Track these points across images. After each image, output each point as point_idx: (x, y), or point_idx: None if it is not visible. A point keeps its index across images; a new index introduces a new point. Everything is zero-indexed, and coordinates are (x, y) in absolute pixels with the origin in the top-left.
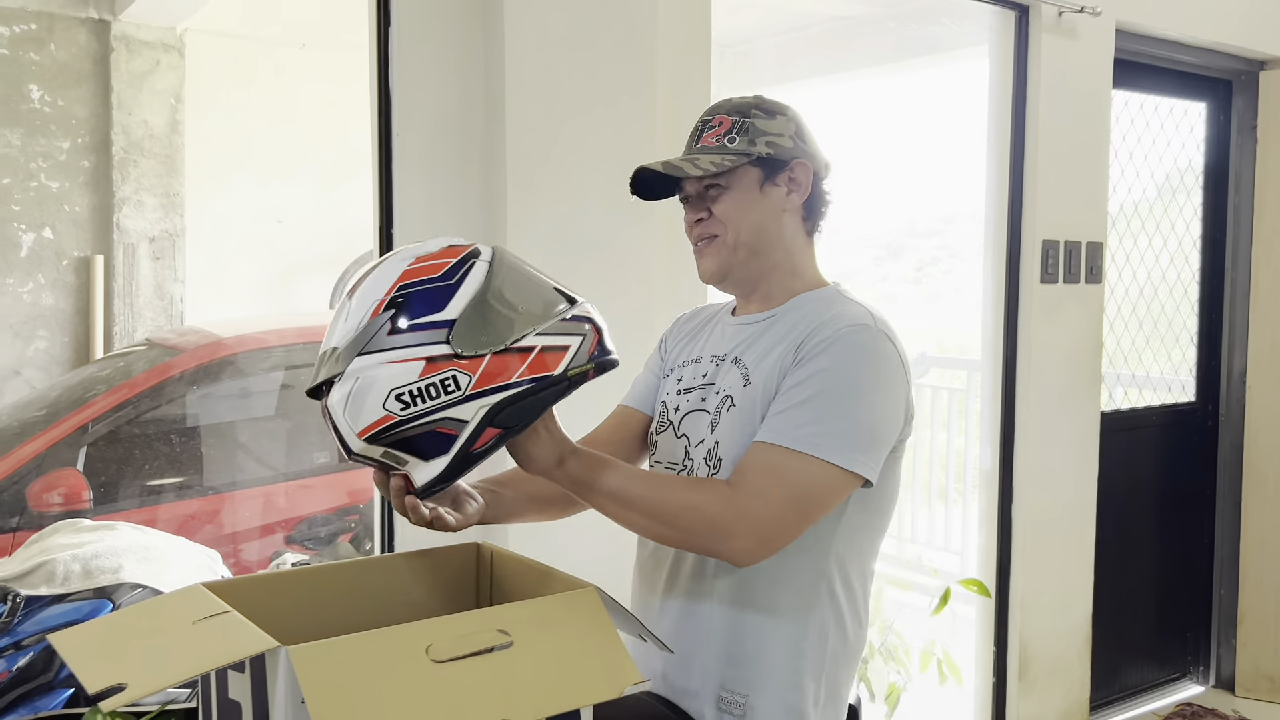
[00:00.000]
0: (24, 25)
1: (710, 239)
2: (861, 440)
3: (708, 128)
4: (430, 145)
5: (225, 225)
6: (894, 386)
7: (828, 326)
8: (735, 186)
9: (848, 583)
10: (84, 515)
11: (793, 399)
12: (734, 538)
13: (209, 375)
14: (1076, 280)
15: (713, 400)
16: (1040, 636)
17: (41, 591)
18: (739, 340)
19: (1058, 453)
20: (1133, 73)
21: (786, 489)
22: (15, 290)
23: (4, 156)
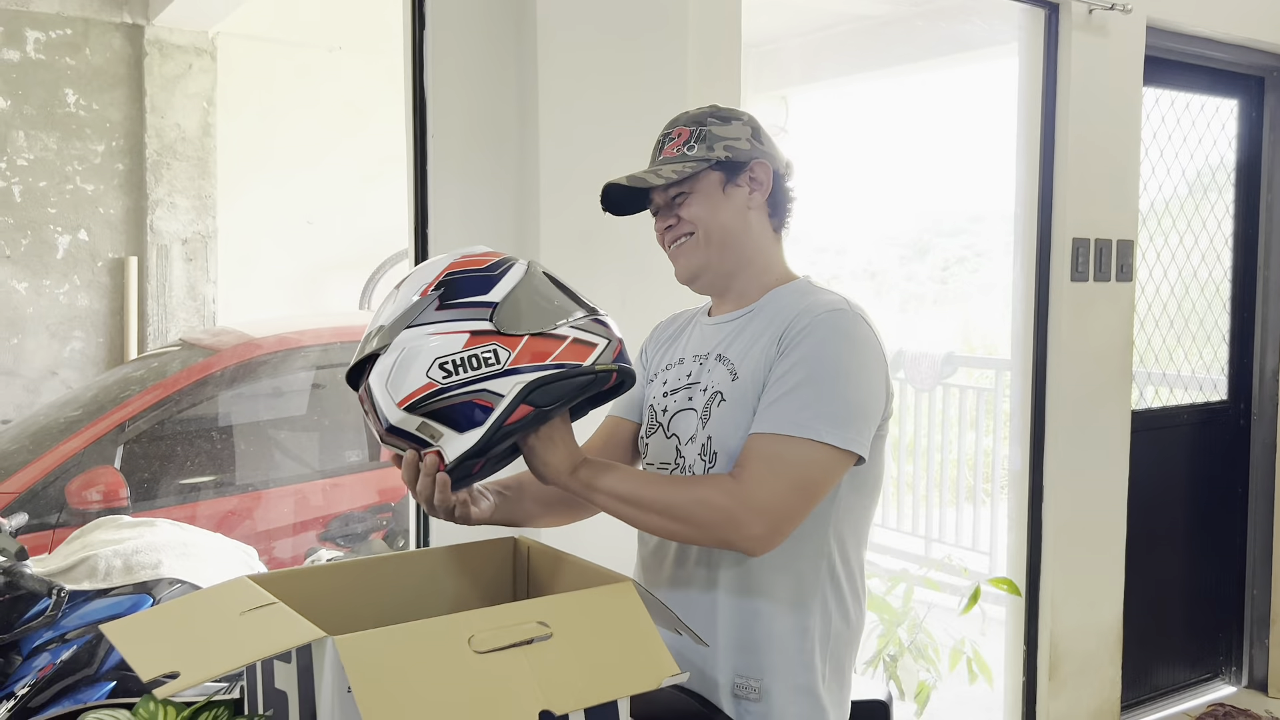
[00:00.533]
0: (60, 30)
1: (683, 240)
2: (852, 418)
3: (668, 140)
4: (464, 148)
5: (256, 226)
6: (875, 365)
7: (806, 314)
8: (699, 190)
9: (846, 562)
10: (122, 513)
11: (782, 387)
12: (745, 527)
13: (243, 375)
14: (1107, 279)
15: (700, 398)
16: (1071, 635)
17: (84, 586)
18: (720, 338)
19: (1088, 452)
20: (1163, 70)
21: (789, 474)
22: (51, 292)
23: (40, 160)
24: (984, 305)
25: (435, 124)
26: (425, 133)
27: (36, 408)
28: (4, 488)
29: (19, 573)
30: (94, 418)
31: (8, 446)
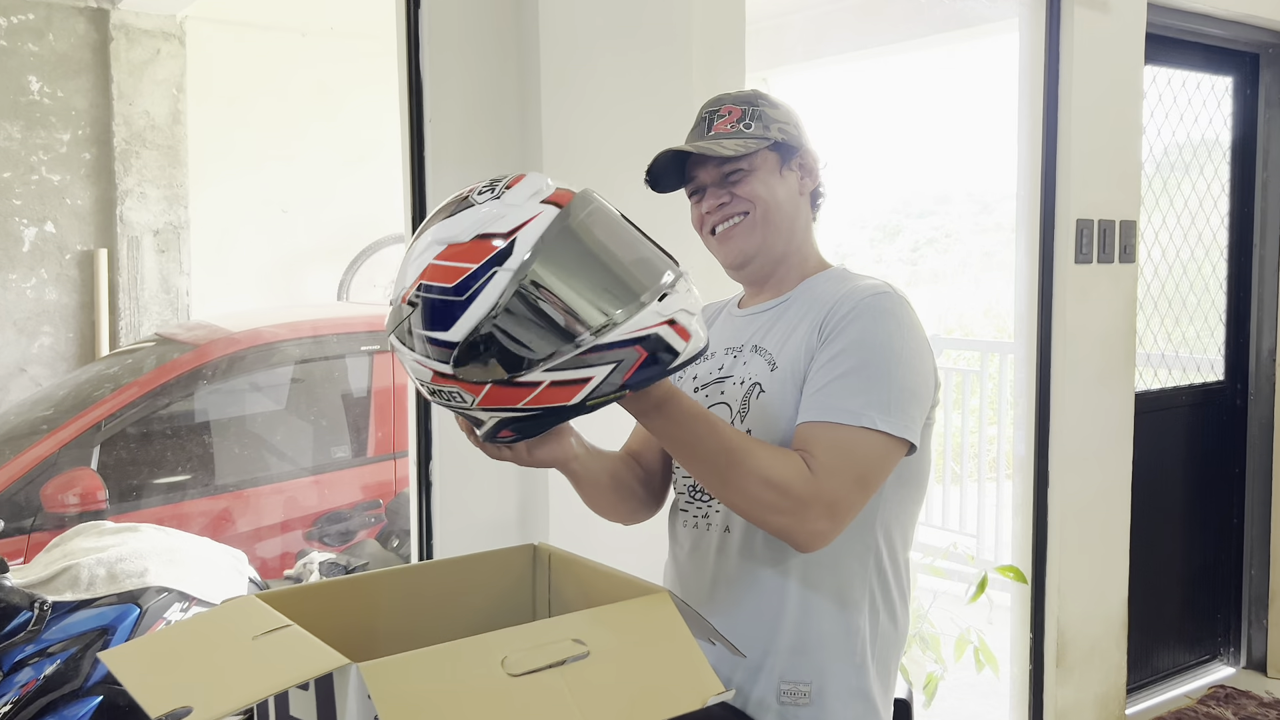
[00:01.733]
0: (21, 15)
1: (737, 219)
2: (905, 404)
3: (717, 117)
4: (464, 133)
5: (229, 216)
6: (923, 349)
7: (849, 298)
8: (759, 169)
9: (894, 559)
10: (100, 515)
11: (831, 373)
12: (811, 520)
13: (222, 371)
14: (1110, 260)
15: (734, 390)
16: (1077, 622)
17: (66, 597)
18: (754, 329)
19: (1093, 436)
20: (1160, 47)
21: (851, 464)
22: (18, 286)
23: (4, 150)
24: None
25: (433, 108)
26: (422, 117)
27: (5, 407)
28: None
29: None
30: (68, 417)
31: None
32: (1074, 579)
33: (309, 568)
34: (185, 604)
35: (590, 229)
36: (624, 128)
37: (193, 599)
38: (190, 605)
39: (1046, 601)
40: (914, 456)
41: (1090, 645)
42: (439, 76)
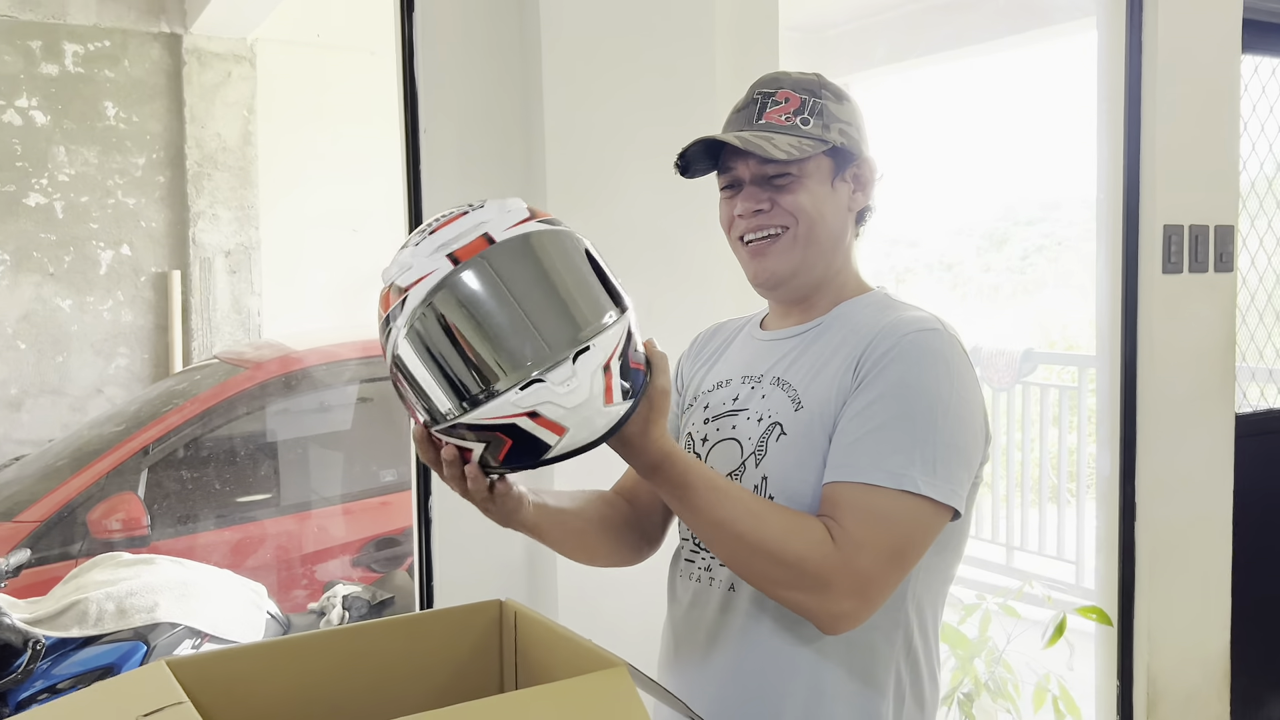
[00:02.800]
0: (98, 43)
1: (771, 234)
2: (951, 465)
3: (770, 102)
4: (461, 142)
5: (300, 236)
6: (974, 399)
7: (891, 333)
8: (810, 175)
9: (924, 634)
10: (143, 541)
11: (866, 424)
12: (836, 601)
13: (277, 391)
14: (1204, 269)
15: (747, 427)
16: (1171, 669)
17: (73, 633)
18: (777, 357)
19: (1186, 461)
20: (1263, 34)
21: (887, 536)
22: (95, 308)
23: (82, 175)
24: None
25: (428, 117)
26: (417, 126)
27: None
28: (25, 516)
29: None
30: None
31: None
32: (1167, 620)
33: (332, 601)
34: (197, 640)
35: (473, 298)
36: (638, 133)
37: (204, 635)
38: (202, 641)
39: (1135, 645)
40: (957, 523)
41: (1187, 694)
42: (434, 83)
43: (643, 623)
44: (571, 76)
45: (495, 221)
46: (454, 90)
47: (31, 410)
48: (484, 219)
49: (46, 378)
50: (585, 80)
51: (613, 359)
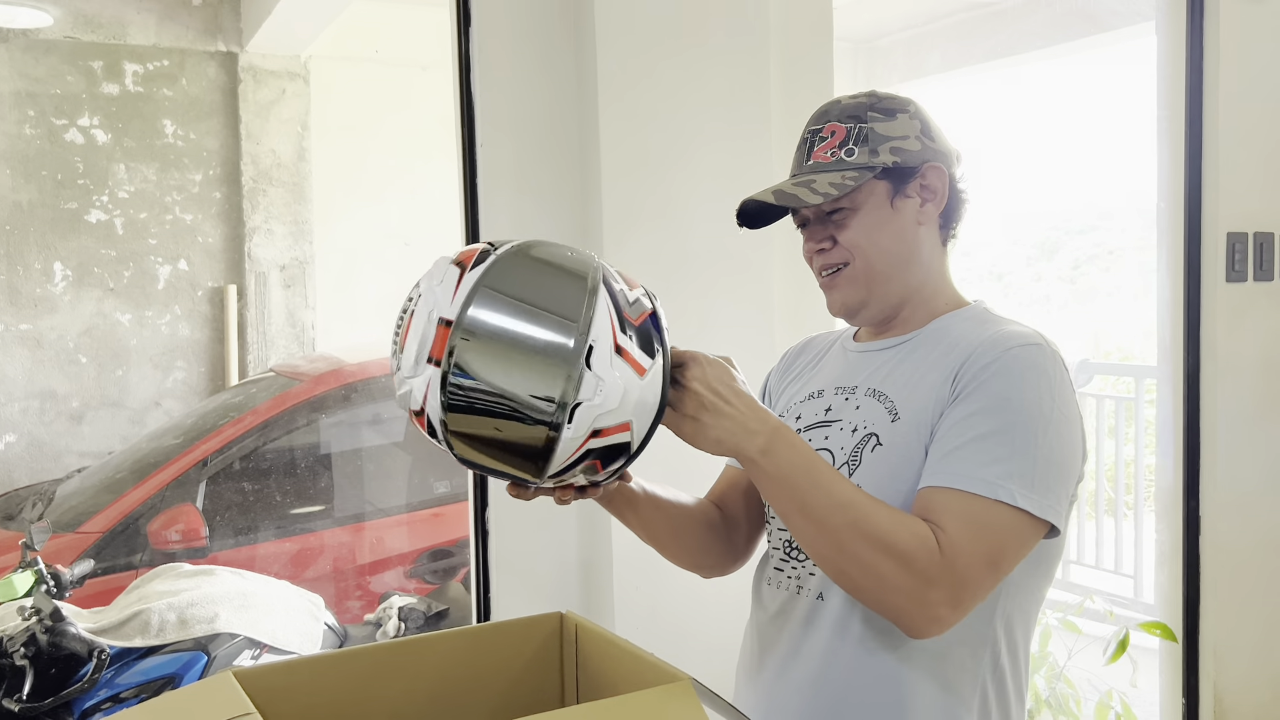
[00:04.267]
0: (156, 62)
1: (837, 269)
2: (1051, 480)
3: (818, 139)
4: (517, 157)
5: (353, 251)
6: (1076, 416)
7: (994, 347)
8: (863, 207)
9: (1013, 652)
10: (202, 552)
11: (966, 433)
12: (933, 605)
13: (330, 404)
14: (1269, 278)
15: (841, 438)
16: (1239, 688)
17: (136, 643)
18: (872, 368)
19: (1251, 474)
20: None
21: (984, 544)
22: (154, 322)
23: (140, 192)
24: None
25: (485, 133)
26: (475, 142)
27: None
28: (88, 527)
29: (61, 633)
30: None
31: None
32: (1234, 637)
33: (388, 612)
34: (256, 650)
35: (474, 390)
36: (693, 147)
37: (263, 645)
38: (261, 652)
39: (1201, 662)
40: (1052, 540)
41: (1256, 714)
42: (491, 98)
43: (702, 637)
44: (626, 90)
45: (439, 300)
46: (510, 105)
47: (92, 423)
48: (429, 306)
49: (106, 391)
50: (640, 94)
51: (617, 335)
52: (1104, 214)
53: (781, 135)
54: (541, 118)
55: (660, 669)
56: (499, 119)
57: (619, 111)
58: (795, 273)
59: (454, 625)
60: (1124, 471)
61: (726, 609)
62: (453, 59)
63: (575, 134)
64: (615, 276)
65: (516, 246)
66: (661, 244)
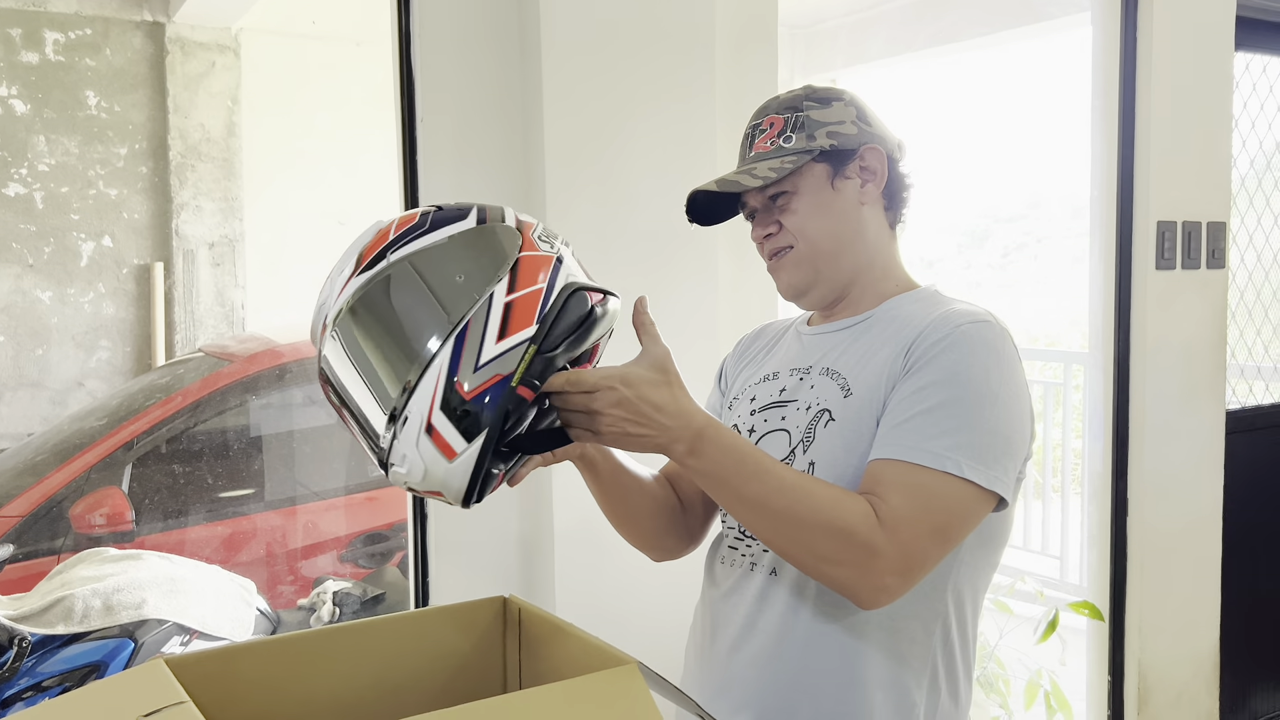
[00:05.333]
0: (79, 30)
1: (783, 252)
2: (998, 453)
3: (758, 132)
4: (459, 132)
5: (285, 229)
6: (1024, 392)
7: (944, 323)
8: (804, 190)
9: (963, 627)
10: (129, 536)
11: (915, 406)
12: (878, 574)
13: (261, 384)
14: (1196, 265)
15: (797, 417)
16: (1162, 664)
17: (59, 630)
18: (825, 349)
19: (1178, 457)
20: (1254, 31)
21: (930, 513)
22: (76, 300)
23: (62, 165)
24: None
25: (425, 107)
26: (414, 116)
27: (59, 420)
28: (7, 511)
29: None
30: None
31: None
32: (1158, 616)
33: (322, 597)
34: (185, 637)
35: (340, 368)
36: (639, 124)
37: (193, 632)
38: (191, 638)
39: (1127, 641)
40: (1000, 514)
41: (1178, 689)
42: (431, 73)
43: (645, 622)
44: (571, 66)
45: (329, 295)
46: (451, 79)
47: (10, 404)
48: (323, 296)
49: (25, 371)
50: (585, 70)
51: (432, 413)
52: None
53: (727, 108)
54: (484, 93)
55: (606, 652)
56: (440, 94)
57: (564, 88)
58: (740, 251)
59: (390, 610)
60: (1051, 455)
61: (669, 589)
62: (392, 31)
63: (519, 110)
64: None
65: (414, 255)
66: (606, 222)
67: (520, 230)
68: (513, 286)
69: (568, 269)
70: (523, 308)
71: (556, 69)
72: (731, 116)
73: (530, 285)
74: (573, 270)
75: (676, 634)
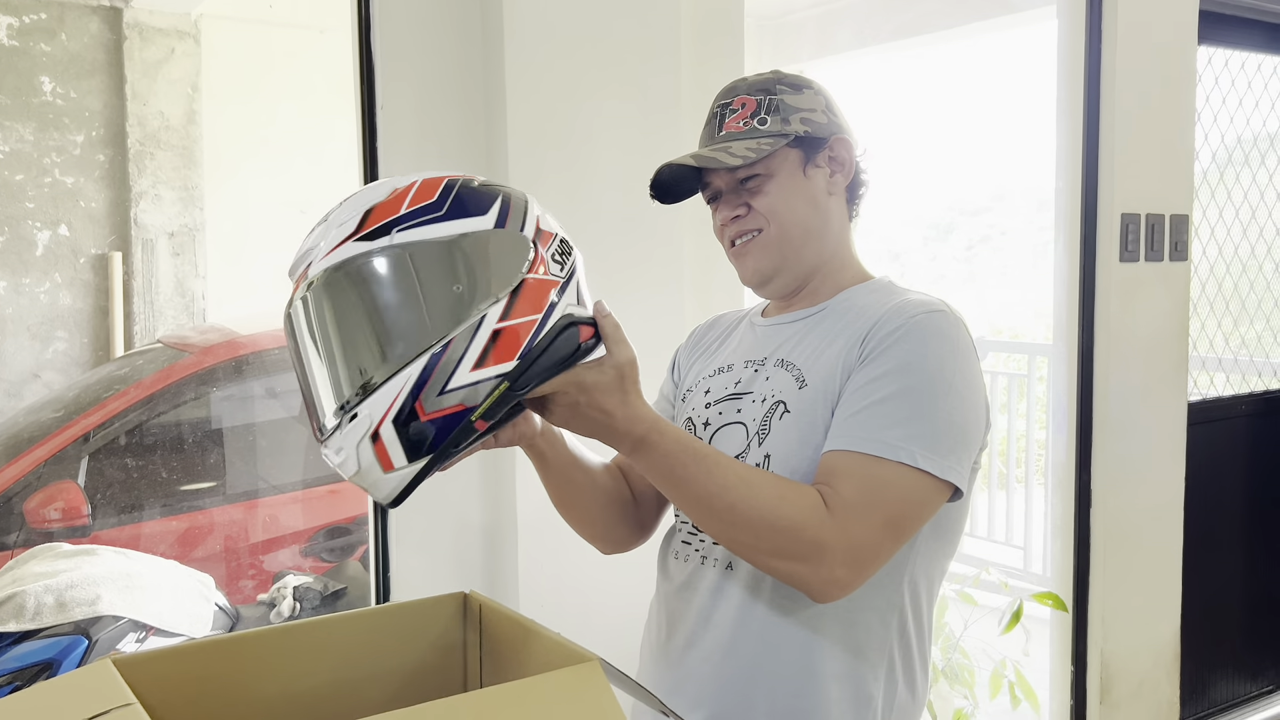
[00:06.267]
0: (33, 15)
1: (751, 235)
2: (953, 442)
3: (728, 112)
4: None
5: (246, 218)
6: (978, 382)
7: (898, 314)
8: (777, 173)
9: (919, 617)
10: (84, 531)
11: (869, 396)
12: (829, 567)
13: (223, 377)
14: (1160, 258)
15: (752, 409)
16: (1124, 654)
17: (10, 627)
18: (780, 340)
19: (1140, 448)
20: (1216, 25)
21: (882, 504)
22: (32, 290)
23: (17, 152)
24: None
25: (385, 94)
26: (374, 104)
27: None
28: None
29: None
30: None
31: None
32: (1120, 606)
33: (283, 592)
34: (141, 633)
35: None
36: (602, 112)
37: (149, 628)
38: (147, 635)
39: (1089, 631)
40: (955, 504)
41: (1139, 678)
42: (391, 59)
43: (608, 617)
44: (534, 53)
45: (319, 246)
46: (412, 66)
47: None
48: (311, 242)
49: None
50: (548, 56)
51: (383, 422)
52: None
53: (692, 98)
54: (446, 79)
55: (568, 649)
56: (401, 80)
57: (526, 75)
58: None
59: (352, 604)
60: (1015, 446)
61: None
62: (352, 17)
63: (481, 97)
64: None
65: (417, 246)
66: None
67: (537, 244)
68: (508, 313)
69: (569, 297)
70: (510, 338)
71: (519, 56)
72: (696, 106)
73: (526, 315)
74: (575, 296)
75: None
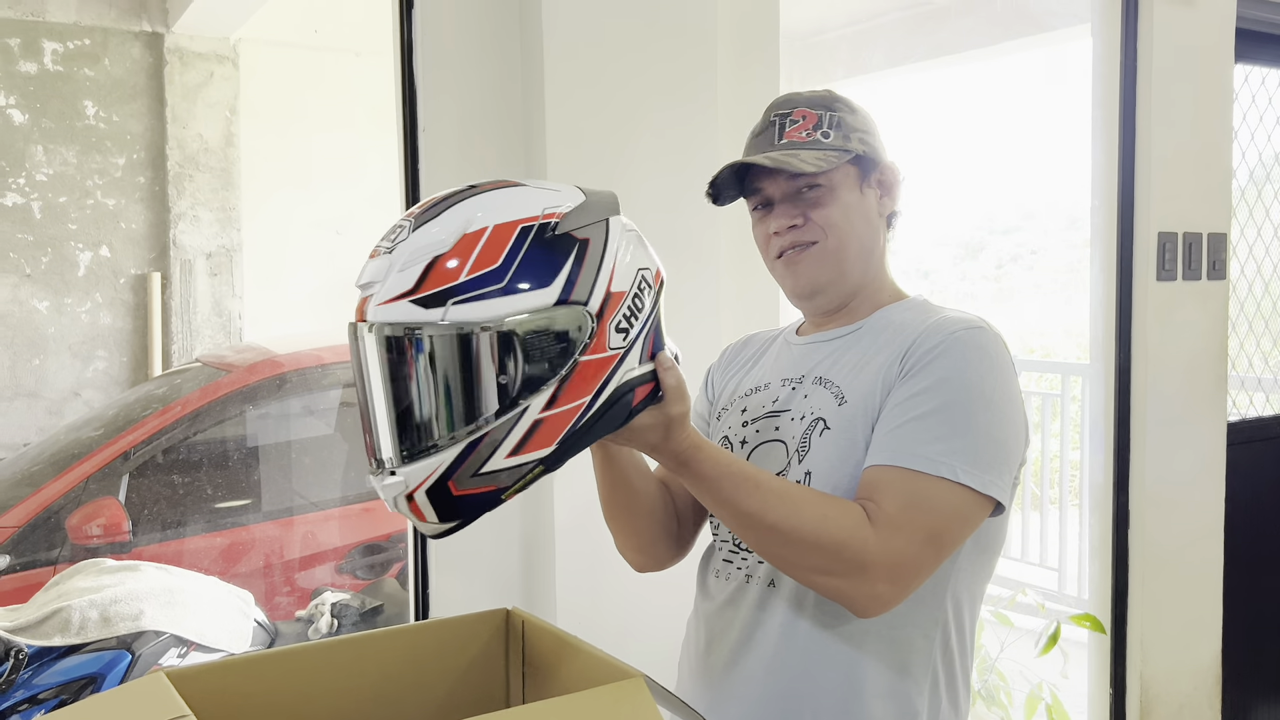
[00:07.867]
0: (77, 41)
1: (805, 246)
2: (994, 458)
3: (788, 122)
4: (461, 142)
5: (283, 239)
6: (1018, 397)
7: (938, 331)
8: (839, 187)
9: (961, 634)
10: (125, 547)
11: (910, 412)
12: (871, 583)
13: (260, 395)
14: (1197, 276)
15: (792, 427)
16: (1164, 677)
17: (55, 642)
18: (818, 359)
19: (1179, 469)
20: (1255, 44)
21: (924, 519)
22: (73, 310)
23: (60, 175)
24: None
25: (427, 117)
26: (416, 126)
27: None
28: (3, 522)
29: None
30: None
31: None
32: (1160, 629)
33: (320, 609)
34: (183, 649)
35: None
36: (641, 137)
37: (191, 643)
38: (188, 650)
39: (1128, 654)
40: (996, 519)
41: (1179, 702)
42: (433, 83)
43: (647, 634)
44: (573, 76)
45: (386, 287)
46: (454, 90)
47: (6, 414)
48: (378, 273)
49: (22, 380)
50: (588, 81)
51: (418, 490)
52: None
53: (729, 117)
54: (486, 102)
55: (612, 666)
56: (442, 103)
57: (566, 97)
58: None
59: (389, 622)
60: (1049, 467)
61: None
62: (394, 41)
63: (520, 120)
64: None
65: (466, 326)
66: None
67: (603, 313)
68: (553, 402)
69: (630, 362)
70: (551, 426)
71: (558, 78)
72: (734, 125)
73: (573, 400)
74: (638, 357)
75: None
